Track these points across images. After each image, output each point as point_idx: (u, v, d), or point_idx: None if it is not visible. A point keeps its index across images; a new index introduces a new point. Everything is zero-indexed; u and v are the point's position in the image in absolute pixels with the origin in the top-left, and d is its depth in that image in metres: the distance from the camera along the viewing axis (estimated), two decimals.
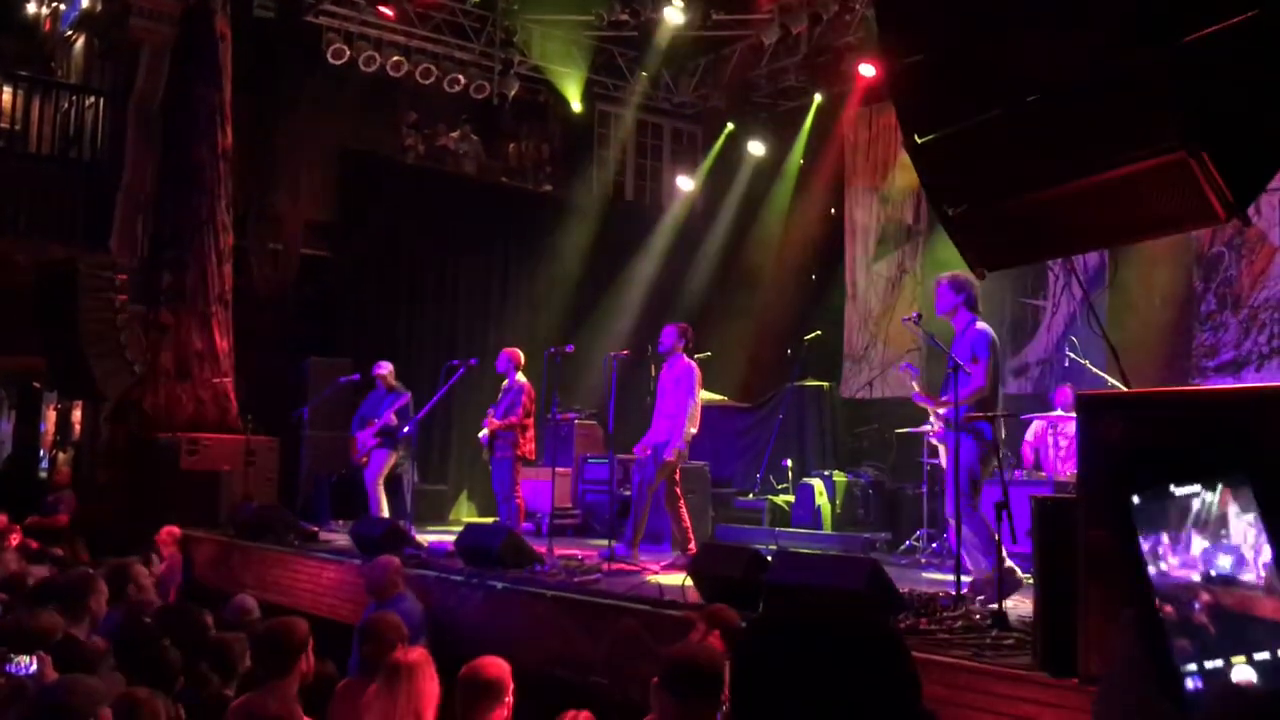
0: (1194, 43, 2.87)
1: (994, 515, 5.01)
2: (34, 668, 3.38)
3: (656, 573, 7.16)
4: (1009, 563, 5.58)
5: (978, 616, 5.03)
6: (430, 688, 3.88)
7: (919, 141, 3.52)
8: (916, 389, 6.85)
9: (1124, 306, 10.77)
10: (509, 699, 3.80)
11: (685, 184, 15.85)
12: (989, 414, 5.95)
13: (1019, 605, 5.16)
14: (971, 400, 5.97)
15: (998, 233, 3.61)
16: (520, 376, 9.41)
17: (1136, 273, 10.78)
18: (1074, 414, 8.78)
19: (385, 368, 10.45)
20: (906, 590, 5.50)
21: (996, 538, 5.27)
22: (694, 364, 8.12)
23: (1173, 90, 2.96)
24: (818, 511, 10.73)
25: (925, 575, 8.00)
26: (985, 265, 3.74)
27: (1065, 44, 3.21)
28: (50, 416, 15.51)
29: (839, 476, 11.10)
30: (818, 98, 14.29)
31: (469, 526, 8.40)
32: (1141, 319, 10.39)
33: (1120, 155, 3.12)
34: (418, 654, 4.01)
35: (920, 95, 3.58)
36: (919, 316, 6.90)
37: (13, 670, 3.34)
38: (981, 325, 6.24)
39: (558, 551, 7.94)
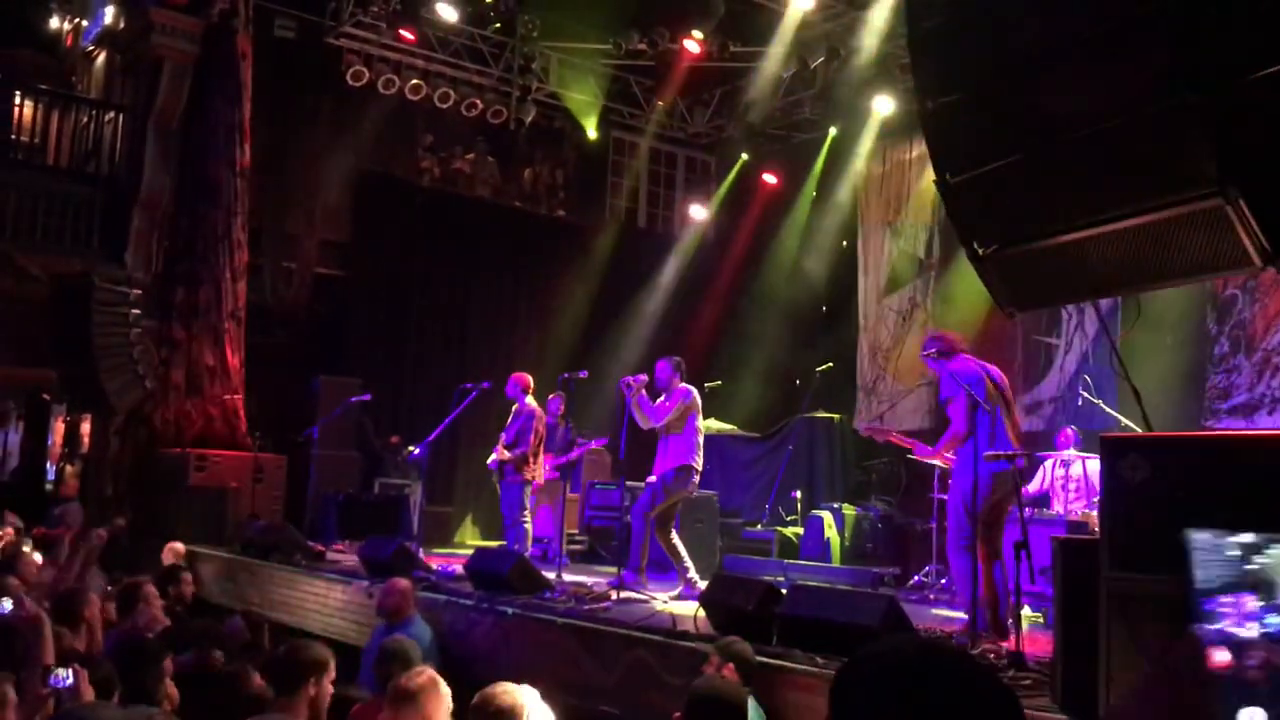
0: (1234, 87, 2.88)
1: (1013, 555, 4.99)
2: (70, 680, 3.37)
3: (666, 603, 7.13)
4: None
5: (993, 656, 5.00)
6: (440, 710, 3.84)
7: (951, 181, 3.54)
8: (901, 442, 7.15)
9: (1137, 347, 10.74)
10: None
11: (698, 213, 15.90)
12: (1007, 454, 5.93)
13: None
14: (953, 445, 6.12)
15: (1028, 274, 3.62)
16: (530, 401, 9.41)
17: (1151, 314, 10.78)
18: (1080, 454, 8.86)
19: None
20: (920, 628, 5.47)
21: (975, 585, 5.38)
22: (688, 388, 8.11)
23: (1210, 134, 2.97)
24: (826, 544, 10.69)
25: (934, 612, 7.96)
26: (1014, 306, 3.74)
27: (1100, 86, 3.23)
28: (59, 429, 15.51)
29: (848, 509, 11.07)
30: (832, 131, 14.36)
31: (478, 551, 8.40)
32: (1155, 360, 10.36)
33: (1155, 199, 3.13)
34: (426, 677, 3.98)
35: (953, 135, 3.60)
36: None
37: (54, 683, 3.33)
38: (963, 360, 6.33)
39: (566, 578, 7.91)
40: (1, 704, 3.28)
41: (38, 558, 7.59)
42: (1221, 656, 1.87)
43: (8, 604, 3.39)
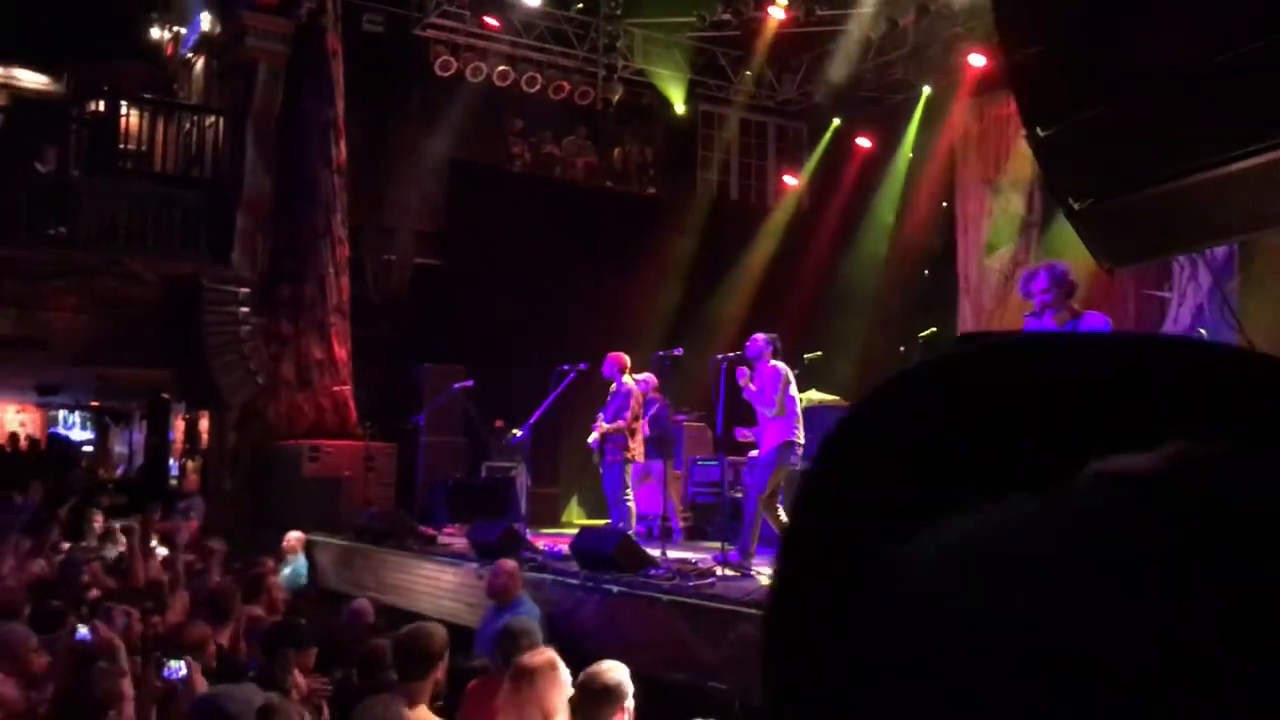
0: None
1: None
2: (183, 672, 3.50)
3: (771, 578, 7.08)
4: None
5: None
6: (558, 689, 3.87)
7: (1041, 134, 3.41)
8: None
9: (1256, 297, 10.30)
10: (629, 703, 3.78)
11: (791, 182, 15.72)
12: None
13: None
14: None
15: (1126, 227, 3.48)
16: (627, 380, 9.42)
17: (1269, 262, 10.30)
18: None
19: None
20: None
21: None
22: (781, 369, 7.97)
23: None
24: None
25: None
26: (1113, 262, 3.61)
27: (1199, 27, 3.08)
28: (179, 426, 16.11)
29: None
30: (926, 90, 14.04)
31: (583, 530, 8.45)
32: (1274, 310, 9.91)
33: (1265, 139, 2.98)
34: (545, 658, 4.01)
35: (1041, 87, 3.47)
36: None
37: (168, 675, 3.47)
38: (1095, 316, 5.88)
39: (670, 555, 7.92)
40: (118, 698, 3.42)
41: (162, 551, 7.90)
42: None
43: (182, 670, 3.53)
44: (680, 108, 15.09)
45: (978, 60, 12.61)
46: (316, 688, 4.58)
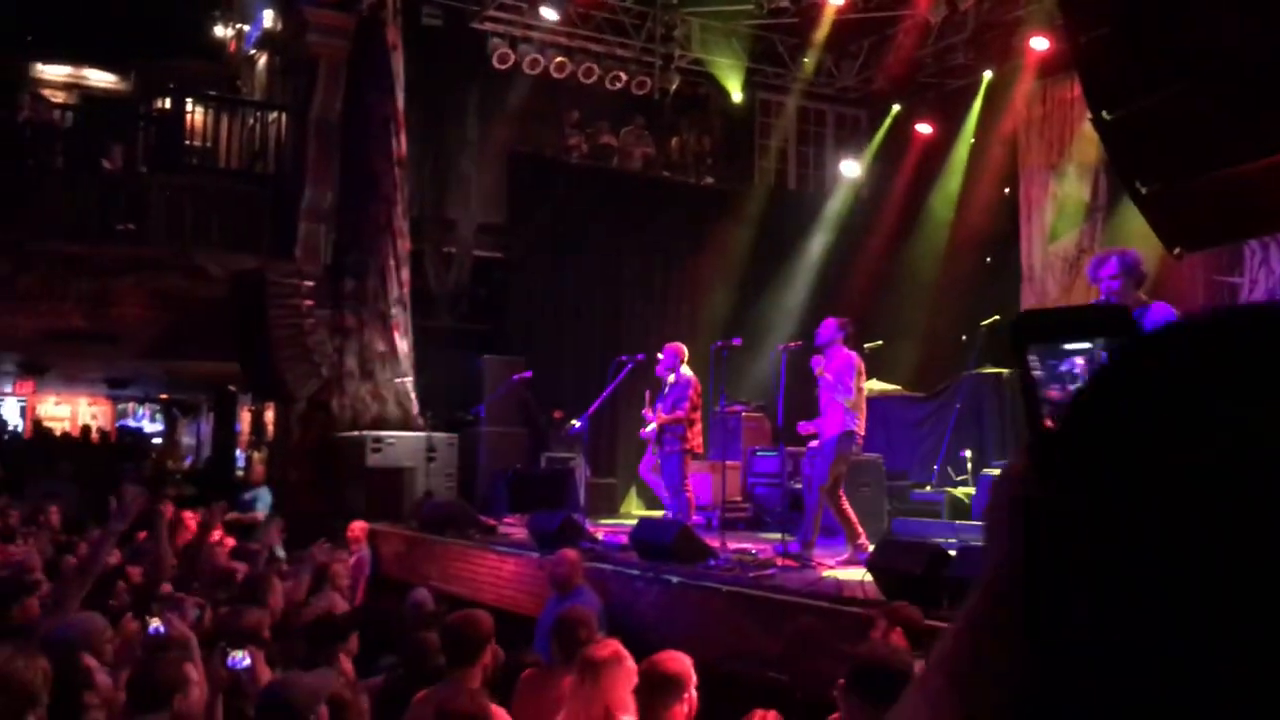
0: None
1: None
2: (247, 662, 3.56)
3: (832, 568, 7.05)
4: None
5: None
6: (625, 682, 3.88)
7: (1107, 117, 3.34)
8: None
9: None
10: (691, 693, 3.78)
11: (850, 170, 15.57)
12: None
13: None
14: None
15: (1195, 211, 3.39)
16: (685, 371, 9.42)
17: None
18: None
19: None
20: None
21: None
22: (854, 355, 7.89)
23: None
24: None
25: None
26: (1182, 246, 3.52)
27: (1268, 7, 2.99)
28: (245, 418, 16.42)
29: None
30: (987, 74, 13.83)
31: (642, 521, 8.48)
32: None
33: None
34: (612, 649, 4.02)
35: (1107, 69, 3.39)
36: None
37: (232, 664, 3.53)
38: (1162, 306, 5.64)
39: (730, 546, 7.90)
40: (187, 683, 3.50)
41: (230, 540, 8.05)
42: None
43: (246, 659, 3.60)
44: (737, 96, 15.02)
45: (1040, 43, 12.39)
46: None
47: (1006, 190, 14.06)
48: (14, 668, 3.02)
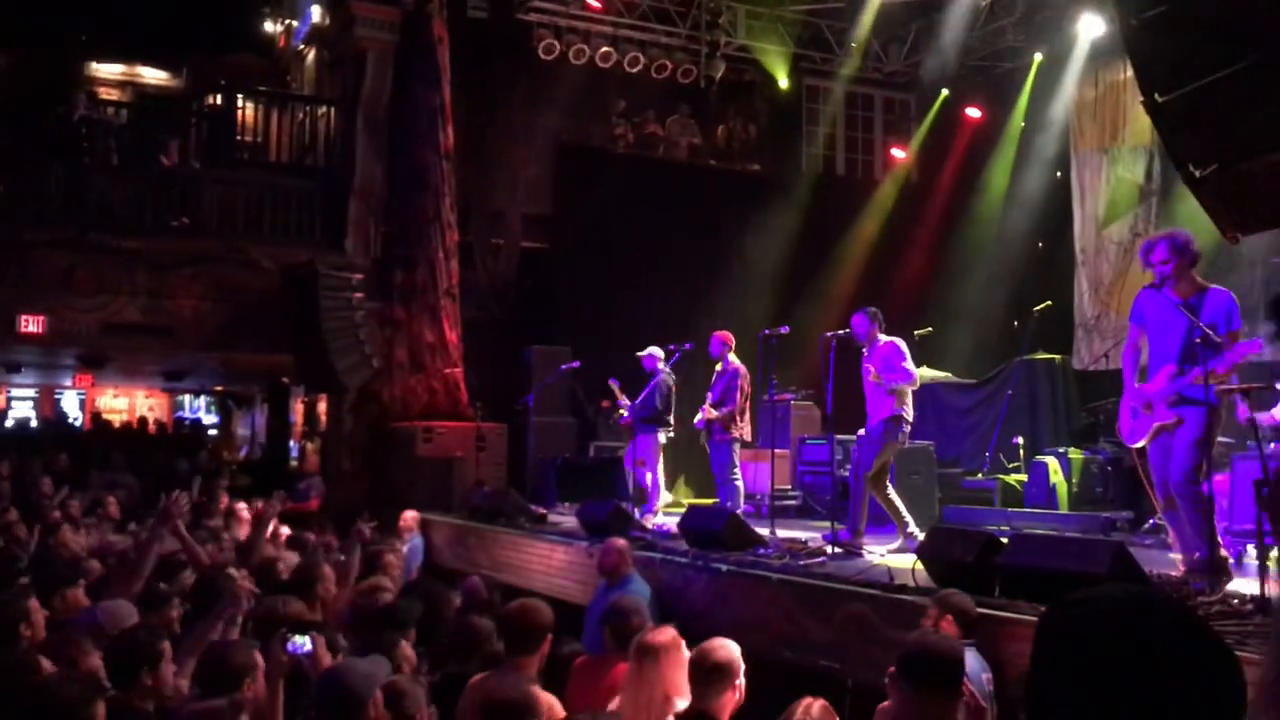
0: None
1: (1253, 493, 4.66)
2: (308, 647, 3.62)
3: (882, 556, 7.02)
4: (1222, 551, 5.22)
5: (1236, 601, 4.70)
6: (681, 668, 3.88)
7: (1160, 100, 3.29)
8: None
9: None
10: (740, 681, 3.79)
11: (899, 155, 15.44)
12: (1243, 386, 5.50)
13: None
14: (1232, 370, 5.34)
15: (1250, 194, 3.34)
16: (733, 359, 9.41)
17: None
18: None
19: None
20: (1154, 574, 5.19)
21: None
22: (894, 340, 7.79)
23: None
24: (1053, 491, 10.23)
25: (1172, 556, 7.52)
26: (1237, 230, 3.47)
27: None
28: (298, 409, 16.64)
29: (1074, 453, 10.54)
30: (1038, 57, 13.64)
31: (691, 508, 8.48)
32: None
33: None
34: (669, 636, 4.03)
35: (1160, 51, 3.34)
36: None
37: (292, 649, 3.59)
38: (1220, 292, 5.41)
39: (780, 534, 7.88)
40: (252, 668, 3.57)
41: (285, 530, 8.17)
42: None
43: (307, 645, 3.67)
44: (784, 82, 14.94)
45: (1091, 25, 12.20)
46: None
47: (1058, 174, 13.88)
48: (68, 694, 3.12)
